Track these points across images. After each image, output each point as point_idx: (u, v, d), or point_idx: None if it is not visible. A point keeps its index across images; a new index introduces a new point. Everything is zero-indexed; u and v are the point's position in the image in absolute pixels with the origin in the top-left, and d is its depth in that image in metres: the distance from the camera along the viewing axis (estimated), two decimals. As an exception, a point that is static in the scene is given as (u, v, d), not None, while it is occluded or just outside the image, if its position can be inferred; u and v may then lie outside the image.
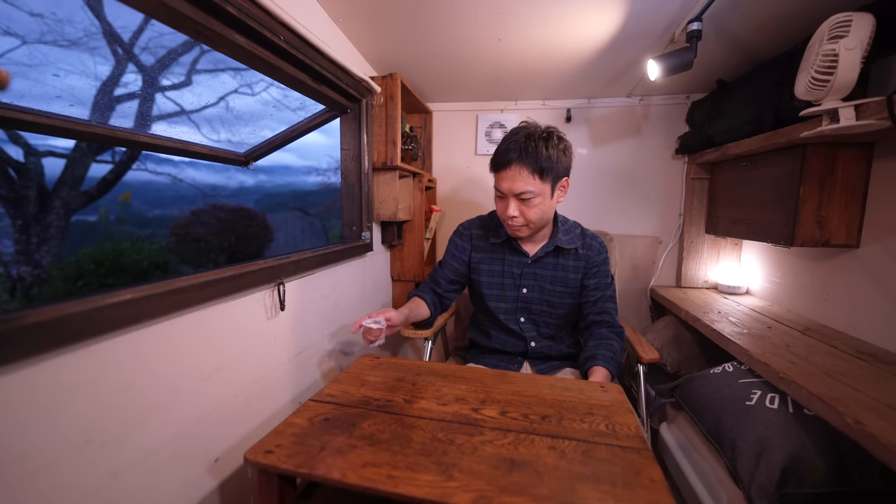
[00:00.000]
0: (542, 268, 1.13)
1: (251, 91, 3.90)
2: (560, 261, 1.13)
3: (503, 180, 1.01)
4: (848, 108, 0.90)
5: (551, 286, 1.13)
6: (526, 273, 1.13)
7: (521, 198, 1.00)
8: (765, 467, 0.90)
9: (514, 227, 1.05)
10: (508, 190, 1.00)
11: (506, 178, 1.00)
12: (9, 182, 2.28)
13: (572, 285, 1.13)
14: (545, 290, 1.13)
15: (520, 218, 1.02)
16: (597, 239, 1.16)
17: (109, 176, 2.78)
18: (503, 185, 1.01)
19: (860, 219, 1.16)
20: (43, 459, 0.54)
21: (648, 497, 0.54)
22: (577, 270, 1.13)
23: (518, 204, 1.01)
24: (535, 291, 1.14)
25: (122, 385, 0.64)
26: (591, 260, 1.13)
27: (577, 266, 1.13)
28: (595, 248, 1.14)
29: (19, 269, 2.27)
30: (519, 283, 1.14)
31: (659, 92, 1.78)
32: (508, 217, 1.02)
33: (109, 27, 2.59)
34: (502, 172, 1.01)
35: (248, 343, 0.93)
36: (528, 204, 1.00)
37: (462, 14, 1.23)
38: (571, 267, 1.13)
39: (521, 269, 1.13)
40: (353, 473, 0.57)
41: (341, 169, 1.47)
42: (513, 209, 1.01)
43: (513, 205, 1.01)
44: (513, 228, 1.06)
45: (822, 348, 1.06)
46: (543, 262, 1.13)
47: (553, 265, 1.13)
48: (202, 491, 0.81)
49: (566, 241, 1.12)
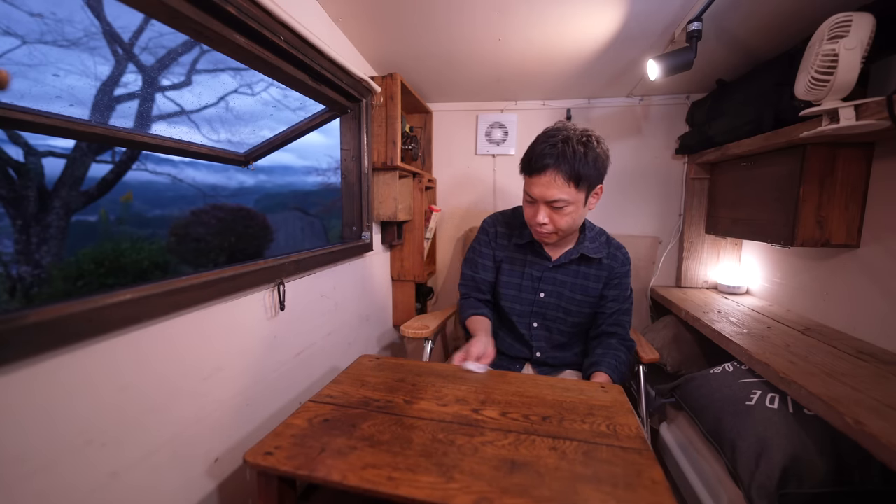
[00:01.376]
0: (563, 274, 1.09)
1: (251, 91, 3.90)
2: (582, 268, 1.08)
3: (535, 186, 0.94)
4: (848, 108, 0.89)
5: (570, 293, 1.09)
6: (546, 277, 1.09)
7: (554, 206, 0.94)
8: (765, 467, 0.90)
9: (543, 234, 1.00)
10: (540, 196, 0.94)
11: (538, 183, 0.93)
12: (9, 182, 2.28)
13: (592, 294, 1.09)
14: (563, 296, 1.09)
15: (549, 225, 0.96)
16: (622, 249, 1.12)
17: (109, 176, 2.78)
18: (534, 191, 0.95)
19: (860, 219, 1.16)
20: (42, 459, 0.54)
21: (650, 498, 0.54)
22: (599, 280, 1.09)
23: (549, 211, 0.95)
24: (552, 297, 1.10)
25: (122, 385, 0.64)
26: (613, 271, 1.09)
27: (598, 275, 1.09)
28: (619, 259, 1.10)
29: (19, 269, 2.27)
30: (537, 287, 1.10)
31: (659, 92, 1.77)
32: (537, 224, 0.97)
33: (109, 27, 2.59)
34: (535, 178, 0.94)
35: (247, 343, 0.93)
36: (561, 212, 0.95)
37: (462, 14, 1.23)
38: (593, 276, 1.09)
39: (542, 272, 1.09)
40: (354, 475, 0.57)
41: (341, 169, 1.46)
42: (542, 216, 0.95)
43: (543, 211, 0.95)
44: (541, 235, 1.01)
45: (822, 348, 1.06)
46: (565, 269, 1.09)
47: (575, 272, 1.09)
48: (202, 492, 0.80)
49: (592, 249, 1.07)
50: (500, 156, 1.98)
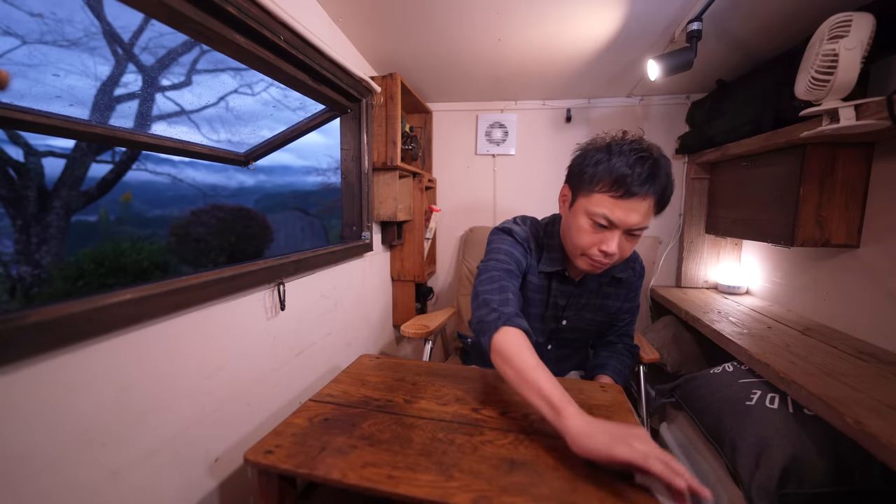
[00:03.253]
0: (585, 294, 0.98)
1: (251, 91, 3.90)
2: (604, 288, 1.00)
3: (626, 210, 0.77)
4: (848, 108, 0.89)
5: (592, 315, 1.01)
6: (571, 304, 0.98)
7: (633, 233, 0.81)
8: (765, 467, 0.90)
9: (599, 265, 0.84)
10: (624, 222, 0.78)
11: (632, 209, 0.77)
12: (9, 182, 2.28)
13: (611, 312, 1.03)
14: (584, 319, 1.01)
15: (617, 255, 0.81)
16: (639, 261, 1.05)
17: (109, 176, 2.78)
18: (619, 215, 0.77)
19: (860, 219, 1.16)
20: (46, 459, 0.54)
21: (649, 497, 0.54)
22: (619, 297, 1.02)
23: (622, 239, 0.81)
24: (573, 322, 1.01)
25: (123, 385, 0.64)
26: (632, 285, 1.03)
27: (618, 293, 1.02)
28: (637, 272, 1.04)
29: (19, 269, 2.27)
30: (561, 316, 0.99)
31: (659, 92, 1.78)
32: (604, 253, 0.81)
33: (109, 27, 2.59)
34: (628, 201, 0.76)
35: (248, 343, 0.93)
36: (634, 240, 0.83)
37: (462, 14, 1.23)
38: (613, 294, 1.01)
39: (567, 299, 0.98)
40: (354, 474, 0.57)
41: (341, 169, 1.47)
42: (616, 244, 0.79)
43: (619, 240, 0.80)
44: (596, 265, 0.84)
45: (822, 348, 1.06)
46: (587, 287, 0.98)
47: (596, 291, 1.00)
48: (202, 491, 0.81)
49: (619, 269, 0.98)
50: (500, 156, 1.98)
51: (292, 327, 1.10)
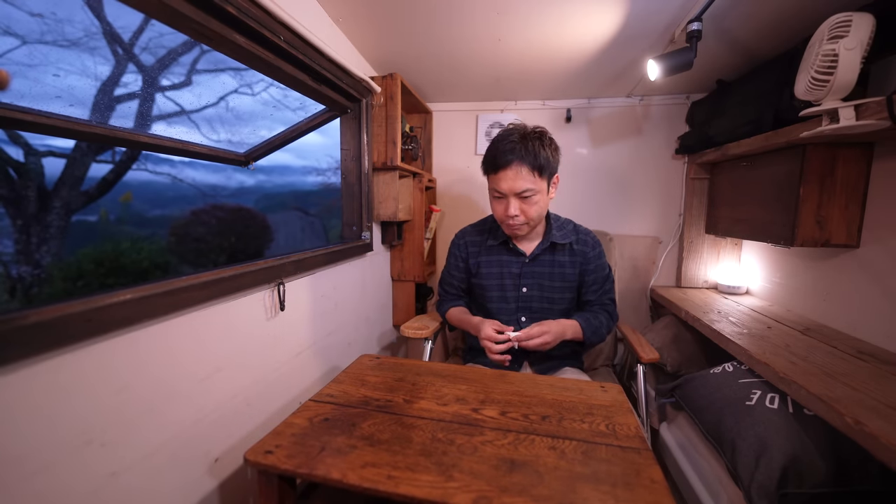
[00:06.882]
0: (539, 265, 1.16)
1: (251, 91, 3.89)
2: (556, 257, 1.16)
3: (503, 181, 1.03)
4: (848, 108, 0.89)
5: (550, 282, 1.15)
6: (525, 272, 1.15)
7: (523, 196, 1.02)
8: (765, 467, 0.90)
9: (515, 227, 1.07)
10: (510, 189, 1.02)
11: (506, 178, 1.02)
12: (9, 182, 2.28)
13: (570, 280, 1.16)
14: (544, 286, 1.15)
15: (521, 216, 1.05)
16: (590, 234, 1.20)
17: (109, 176, 2.77)
18: (503, 186, 1.03)
19: (860, 219, 1.16)
20: (41, 460, 0.54)
21: (649, 498, 0.54)
22: (574, 265, 1.16)
23: (519, 203, 1.04)
24: (534, 289, 1.16)
25: (122, 385, 0.64)
26: (586, 255, 1.17)
27: (573, 261, 1.16)
28: (589, 244, 1.18)
29: (19, 269, 2.27)
30: (519, 283, 1.16)
31: (659, 92, 1.77)
32: (510, 217, 1.04)
33: (109, 27, 2.59)
34: (501, 173, 1.03)
35: (247, 343, 0.93)
36: (529, 202, 1.03)
37: (462, 14, 1.23)
38: (568, 262, 1.16)
39: (520, 268, 1.16)
40: (353, 474, 0.57)
41: (341, 169, 1.47)
42: (514, 208, 1.03)
43: (514, 204, 1.03)
44: (513, 228, 1.08)
45: (822, 348, 1.06)
46: (540, 260, 1.16)
47: (550, 262, 1.16)
48: (202, 491, 0.81)
49: (560, 236, 1.15)
50: (500, 156, 1.98)
51: (292, 327, 1.10)
